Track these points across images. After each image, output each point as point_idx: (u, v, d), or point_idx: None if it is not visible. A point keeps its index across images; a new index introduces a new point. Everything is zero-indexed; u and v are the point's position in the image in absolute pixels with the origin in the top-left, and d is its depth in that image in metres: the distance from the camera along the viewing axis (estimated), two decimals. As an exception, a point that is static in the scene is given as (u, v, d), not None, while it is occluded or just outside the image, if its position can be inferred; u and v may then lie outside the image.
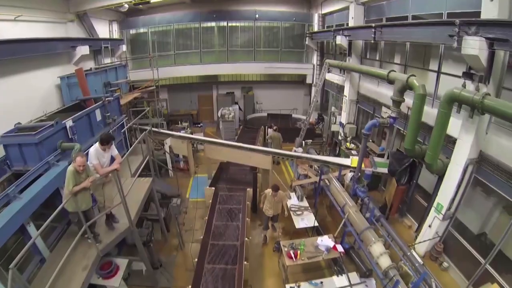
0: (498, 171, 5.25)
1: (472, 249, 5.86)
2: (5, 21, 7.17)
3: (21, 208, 3.63)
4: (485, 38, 4.77)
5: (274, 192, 6.78)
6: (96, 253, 4.15)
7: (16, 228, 3.65)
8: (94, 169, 4.27)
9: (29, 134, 4.55)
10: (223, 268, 5.68)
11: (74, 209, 3.94)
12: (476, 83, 5.29)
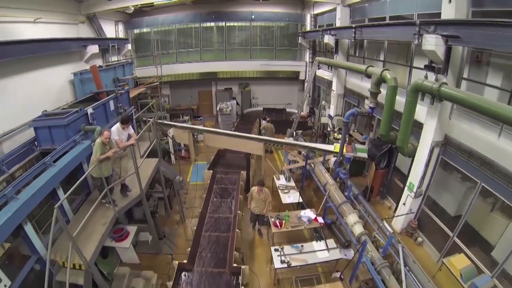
0: (460, 152, 5.98)
1: (442, 224, 6.55)
2: (26, 23, 8.02)
3: (54, 174, 4.49)
4: (441, 36, 5.57)
5: (259, 187, 6.95)
6: (113, 213, 5.02)
7: (52, 188, 4.52)
8: (115, 143, 5.18)
9: (59, 117, 5.45)
10: (218, 235, 6.54)
11: (98, 175, 4.86)
12: (436, 74, 6.11)
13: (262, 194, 6.96)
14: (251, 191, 7.14)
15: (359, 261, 5.70)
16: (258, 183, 7.03)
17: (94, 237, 4.64)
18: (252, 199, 7.10)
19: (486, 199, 5.77)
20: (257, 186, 6.98)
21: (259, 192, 6.95)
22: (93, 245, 4.48)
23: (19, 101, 7.25)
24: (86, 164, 5.67)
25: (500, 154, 5.04)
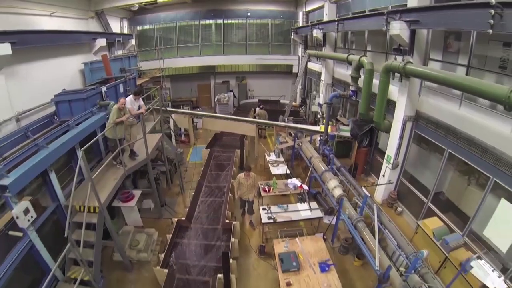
0: (429, 124, 6.75)
1: (418, 192, 7.28)
2: (44, 16, 8.91)
3: (76, 133, 5.38)
4: (404, 21, 6.43)
5: (246, 173, 6.82)
6: (122, 172, 5.87)
7: (74, 144, 5.41)
8: (128, 110, 6.07)
9: (79, 92, 6.34)
10: (213, 199, 7.40)
11: (113, 137, 5.75)
12: (403, 55, 6.95)
13: (249, 179, 6.89)
14: (238, 178, 6.97)
15: (338, 218, 6.52)
16: (244, 169, 6.99)
17: (106, 188, 5.49)
18: (240, 186, 6.96)
19: (453, 166, 6.60)
20: (244, 172, 6.91)
21: (246, 177, 6.86)
22: (105, 193, 5.33)
23: (38, 84, 8.14)
24: (99, 131, 6.55)
25: (461, 122, 5.81)
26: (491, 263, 5.00)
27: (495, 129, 5.12)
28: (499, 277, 4.62)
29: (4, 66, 6.84)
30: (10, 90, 7.18)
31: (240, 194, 7.05)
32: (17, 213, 3.92)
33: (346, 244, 6.47)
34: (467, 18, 4.71)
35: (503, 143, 4.92)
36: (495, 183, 5.17)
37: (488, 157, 5.21)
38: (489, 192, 5.34)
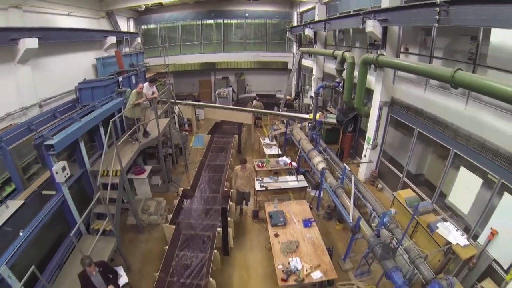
0: (402, 108, 7.76)
1: (394, 168, 8.31)
2: (62, 15, 9.90)
3: (101, 112, 6.41)
4: (377, 20, 7.44)
5: (242, 165, 6.90)
6: (138, 146, 6.87)
7: (100, 120, 6.42)
8: (145, 95, 7.14)
9: (101, 80, 7.36)
10: (214, 174, 8.44)
11: (131, 116, 6.85)
12: (377, 49, 7.97)
13: (246, 171, 6.97)
14: (235, 170, 7.10)
15: (321, 186, 7.53)
16: (241, 161, 7.00)
17: (125, 158, 6.50)
18: (237, 178, 7.05)
19: (422, 144, 7.60)
20: (240, 164, 6.98)
21: (243, 170, 6.95)
22: (125, 161, 6.35)
23: (57, 76, 9.10)
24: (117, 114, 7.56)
25: (426, 104, 6.82)
26: (455, 224, 5.97)
27: (452, 107, 6.09)
28: (461, 235, 5.57)
29: (30, 58, 7.81)
30: (35, 80, 8.19)
31: (237, 186, 7.09)
32: (57, 169, 4.93)
33: (329, 211, 7.48)
34: (419, 15, 5.74)
35: (459, 119, 5.87)
36: (455, 154, 6.11)
37: (449, 132, 6.14)
38: (451, 163, 6.28)
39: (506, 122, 4.94)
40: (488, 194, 5.39)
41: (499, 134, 5.01)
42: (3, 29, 6.80)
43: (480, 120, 5.41)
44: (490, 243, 5.08)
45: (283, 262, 5.16)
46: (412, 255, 4.89)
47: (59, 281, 4.75)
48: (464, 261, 5.37)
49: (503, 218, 4.98)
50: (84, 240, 5.72)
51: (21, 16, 7.96)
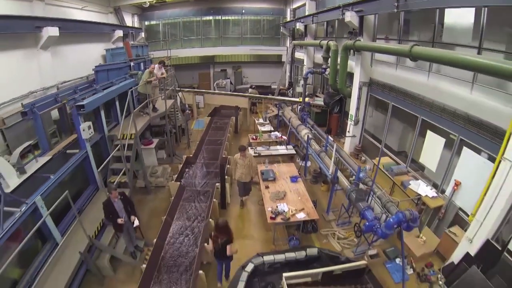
0: (378, 86, 8.78)
1: (374, 141, 9.34)
2: (76, 9, 10.95)
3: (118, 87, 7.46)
4: (354, 11, 8.52)
5: (242, 152, 6.73)
6: (148, 118, 7.91)
7: (116, 94, 7.46)
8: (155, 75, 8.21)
9: (115, 64, 8.37)
10: (214, 147, 9.47)
11: (143, 91, 8.00)
12: (355, 36, 9.04)
13: (246, 159, 6.80)
14: (235, 159, 6.92)
15: (307, 153, 8.57)
16: (240, 149, 6.81)
17: (138, 125, 7.52)
18: (237, 167, 6.85)
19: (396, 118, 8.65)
20: (239, 152, 6.79)
21: (242, 157, 6.77)
22: (139, 127, 7.40)
23: (71, 63, 10.12)
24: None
25: (397, 80, 7.86)
26: (426, 181, 6.93)
27: (418, 81, 7.12)
28: (430, 189, 6.51)
29: (51, 45, 8.82)
30: (54, 64, 9.21)
31: (238, 177, 6.89)
32: (84, 127, 5.97)
33: (315, 174, 8.54)
34: (383, 3, 6.84)
35: (424, 90, 6.88)
36: (422, 121, 7.14)
37: (416, 102, 7.14)
38: (419, 130, 7.31)
39: (460, 87, 5.94)
40: (450, 151, 6.33)
41: (455, 98, 5.99)
42: (30, 18, 7.82)
43: (439, 88, 6.42)
44: (455, 194, 5.96)
45: (272, 206, 6.18)
46: (383, 200, 5.67)
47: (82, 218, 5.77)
48: (434, 211, 6.30)
49: (464, 170, 5.88)
50: (101, 192, 6.76)
51: (43, 8, 9.01)
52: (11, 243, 4.20)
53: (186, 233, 5.90)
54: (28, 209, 4.52)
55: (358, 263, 5.19)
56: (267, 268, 5.32)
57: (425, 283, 5.42)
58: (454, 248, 5.50)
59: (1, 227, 4.03)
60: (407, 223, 5.12)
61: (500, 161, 4.64)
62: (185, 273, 5.01)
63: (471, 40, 5.99)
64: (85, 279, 5.22)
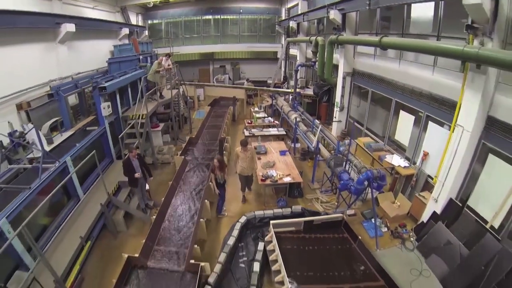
0: (360, 76, 9.84)
1: (358, 124, 10.42)
2: (88, 8, 11.98)
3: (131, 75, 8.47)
4: (337, 10, 9.55)
5: (243, 147, 6.63)
6: (156, 103, 8.94)
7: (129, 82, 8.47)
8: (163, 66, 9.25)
9: (126, 57, 9.42)
10: (214, 130, 10.50)
11: (153, 79, 9.08)
12: (339, 32, 10.05)
13: (247, 153, 6.71)
14: (236, 152, 6.82)
15: (295, 134, 9.57)
16: (242, 143, 6.67)
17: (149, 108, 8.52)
18: (239, 160, 6.77)
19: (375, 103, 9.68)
20: (241, 147, 6.66)
21: (244, 151, 6.67)
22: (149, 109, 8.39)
23: (85, 57, 11.17)
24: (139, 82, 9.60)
25: (375, 69, 8.88)
26: (400, 155, 7.92)
27: (391, 68, 8.16)
28: (403, 161, 7.52)
29: (67, 40, 9.85)
30: (69, 57, 10.22)
31: (240, 170, 6.82)
32: (104, 106, 7.00)
33: (303, 152, 9.55)
34: (358, 2, 7.88)
35: (396, 75, 7.90)
36: (396, 102, 8.16)
37: (391, 86, 8.16)
38: (394, 110, 8.32)
39: (424, 71, 6.93)
40: (419, 127, 7.31)
41: (421, 80, 6.97)
42: (51, 15, 8.86)
43: (409, 73, 7.43)
44: (424, 163, 6.83)
45: (263, 172, 7.19)
46: (359, 167, 6.51)
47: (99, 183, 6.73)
48: (407, 180, 7.22)
49: (430, 142, 6.70)
50: (115, 164, 7.77)
51: (61, 6, 10.04)
52: (44, 195, 5.12)
53: (190, 193, 6.92)
54: (60, 166, 5.51)
55: (335, 215, 6.19)
56: (257, 221, 6.31)
57: (397, 239, 6.17)
58: (424, 210, 6.35)
59: (40, 177, 5.02)
60: (376, 182, 6.12)
61: (454, 128, 5.57)
62: (191, 220, 6.00)
63: (431, 31, 7.03)
64: (101, 234, 6.12)
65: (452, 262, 5.11)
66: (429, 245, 5.66)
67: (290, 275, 4.84)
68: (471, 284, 4.68)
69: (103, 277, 5.20)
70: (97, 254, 5.78)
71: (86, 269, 5.35)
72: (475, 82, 5.14)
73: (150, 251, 5.26)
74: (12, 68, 7.57)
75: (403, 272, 5.26)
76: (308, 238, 5.83)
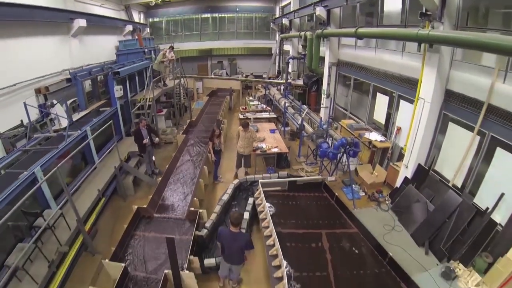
0: (343, 65, 10.86)
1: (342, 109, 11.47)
2: (95, 5, 12.98)
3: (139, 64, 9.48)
4: (322, 6, 10.58)
5: (244, 128, 7.20)
6: (160, 90, 9.93)
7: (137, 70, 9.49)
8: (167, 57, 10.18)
9: (133, 49, 10.42)
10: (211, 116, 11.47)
11: (158, 69, 10.04)
12: (324, 26, 11.07)
13: (248, 133, 7.26)
14: (238, 130, 7.50)
15: (284, 117, 10.59)
16: (243, 125, 7.24)
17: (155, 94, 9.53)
18: (240, 138, 7.36)
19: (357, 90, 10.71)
20: (242, 127, 7.25)
21: (245, 131, 7.24)
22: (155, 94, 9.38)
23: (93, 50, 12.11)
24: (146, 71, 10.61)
25: (356, 58, 9.87)
26: (377, 132, 8.88)
27: (368, 56, 9.15)
28: (380, 137, 8.48)
29: (79, 34, 10.83)
30: (80, 50, 11.21)
31: (238, 147, 7.44)
32: (117, 88, 7.99)
33: (291, 133, 10.57)
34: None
35: (373, 62, 8.85)
36: (373, 86, 9.15)
37: (369, 72, 9.14)
38: (372, 93, 9.31)
39: (395, 56, 7.92)
40: (392, 106, 8.26)
41: (392, 64, 7.92)
42: (66, 11, 9.86)
43: (383, 59, 8.39)
44: (398, 137, 7.74)
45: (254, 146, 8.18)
46: (337, 138, 7.75)
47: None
48: (383, 152, 8.17)
49: (402, 118, 7.59)
50: (124, 140, 8.77)
51: (73, 4, 11.03)
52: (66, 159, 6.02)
53: (191, 162, 7.95)
54: (81, 134, 6.51)
55: (316, 177, 7.17)
56: (248, 184, 7.28)
57: (374, 202, 7.01)
58: (398, 177, 7.25)
59: (65, 141, 6.01)
60: (351, 150, 7.11)
61: (417, 101, 6.55)
62: (191, 181, 6.99)
63: (400, 22, 8.06)
64: (112, 198, 7.09)
65: (421, 217, 5.81)
66: (401, 205, 6.48)
67: (274, 221, 5.79)
68: (438, 234, 5.36)
69: (113, 231, 6.09)
70: (109, 213, 6.75)
71: (99, 224, 6.28)
72: (431, 60, 6.15)
73: (156, 204, 6.23)
74: (32, 56, 8.53)
75: (377, 227, 5.92)
76: (292, 196, 6.80)
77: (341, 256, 5.18)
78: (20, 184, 4.62)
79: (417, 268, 5.02)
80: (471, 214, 5.11)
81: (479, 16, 6.05)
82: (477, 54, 5.73)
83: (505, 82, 5.02)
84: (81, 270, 5.14)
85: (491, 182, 5.32)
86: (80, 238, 5.26)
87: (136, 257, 4.99)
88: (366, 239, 5.43)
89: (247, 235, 4.58)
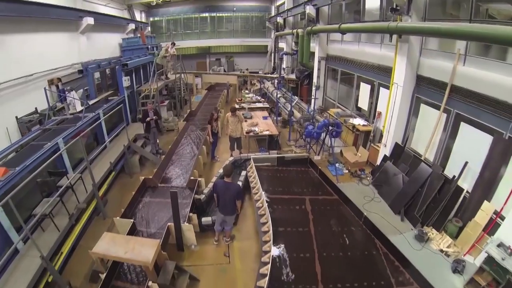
0: (332, 59, 11.67)
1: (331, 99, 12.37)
2: (101, 5, 13.87)
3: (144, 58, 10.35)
4: (311, 5, 11.48)
5: (232, 113, 8.04)
6: (163, 82, 10.83)
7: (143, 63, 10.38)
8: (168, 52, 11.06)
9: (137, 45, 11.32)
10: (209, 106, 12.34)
11: (160, 63, 10.90)
12: (313, 23, 11.96)
13: (236, 118, 8.13)
14: (226, 117, 8.22)
15: (277, 106, 11.48)
16: (231, 110, 8.20)
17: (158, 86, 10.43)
18: (228, 124, 8.17)
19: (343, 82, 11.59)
20: (230, 112, 8.12)
21: (233, 116, 8.10)
22: (158, 84, 10.28)
23: (99, 47, 13.01)
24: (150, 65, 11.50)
25: (343, 52, 10.67)
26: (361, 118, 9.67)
27: (352, 49, 10.00)
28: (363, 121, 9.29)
29: (87, 31, 11.72)
30: (88, 46, 12.10)
31: (229, 132, 8.24)
32: (125, 78, 8.87)
33: (283, 121, 11.45)
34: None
35: (356, 54, 9.64)
36: (357, 77, 10.02)
37: (352, 64, 9.95)
38: (356, 83, 10.16)
39: (375, 48, 8.71)
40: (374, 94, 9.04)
41: (373, 56, 8.73)
42: (76, 9, 10.76)
43: (365, 52, 9.23)
44: (378, 121, 8.48)
45: (248, 129, 9.06)
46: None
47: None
48: (366, 135, 8.85)
49: (382, 103, 8.18)
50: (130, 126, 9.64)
51: (82, 3, 11.93)
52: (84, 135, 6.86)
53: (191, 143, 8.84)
54: (95, 116, 7.38)
55: (301, 154, 8.04)
56: (242, 162, 8.13)
57: (356, 178, 7.62)
58: (378, 156, 7.98)
59: (82, 120, 6.88)
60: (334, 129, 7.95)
61: (392, 85, 7.41)
62: (192, 158, 7.87)
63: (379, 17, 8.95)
64: (120, 175, 7.95)
65: (397, 188, 6.37)
66: (380, 180, 7.15)
67: (263, 188, 6.65)
68: (412, 203, 5.88)
69: (121, 201, 6.78)
70: (117, 187, 7.62)
71: (108, 196, 7.12)
72: (402, 49, 6.98)
73: (160, 176, 7.10)
74: (46, 51, 9.38)
75: (357, 198, 6.44)
76: (280, 170, 7.68)
77: (321, 216, 6.05)
78: (45, 152, 5.46)
79: (393, 232, 5.46)
80: (440, 182, 5.58)
81: (447, 8, 6.87)
82: (446, 42, 6.41)
83: (465, 65, 5.80)
84: (94, 230, 5.97)
85: (458, 154, 5.96)
86: (93, 203, 6.09)
87: (143, 218, 5.84)
88: (345, 204, 6.28)
89: (238, 185, 5.43)
